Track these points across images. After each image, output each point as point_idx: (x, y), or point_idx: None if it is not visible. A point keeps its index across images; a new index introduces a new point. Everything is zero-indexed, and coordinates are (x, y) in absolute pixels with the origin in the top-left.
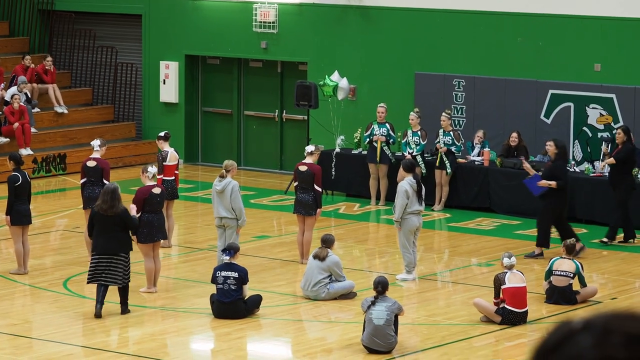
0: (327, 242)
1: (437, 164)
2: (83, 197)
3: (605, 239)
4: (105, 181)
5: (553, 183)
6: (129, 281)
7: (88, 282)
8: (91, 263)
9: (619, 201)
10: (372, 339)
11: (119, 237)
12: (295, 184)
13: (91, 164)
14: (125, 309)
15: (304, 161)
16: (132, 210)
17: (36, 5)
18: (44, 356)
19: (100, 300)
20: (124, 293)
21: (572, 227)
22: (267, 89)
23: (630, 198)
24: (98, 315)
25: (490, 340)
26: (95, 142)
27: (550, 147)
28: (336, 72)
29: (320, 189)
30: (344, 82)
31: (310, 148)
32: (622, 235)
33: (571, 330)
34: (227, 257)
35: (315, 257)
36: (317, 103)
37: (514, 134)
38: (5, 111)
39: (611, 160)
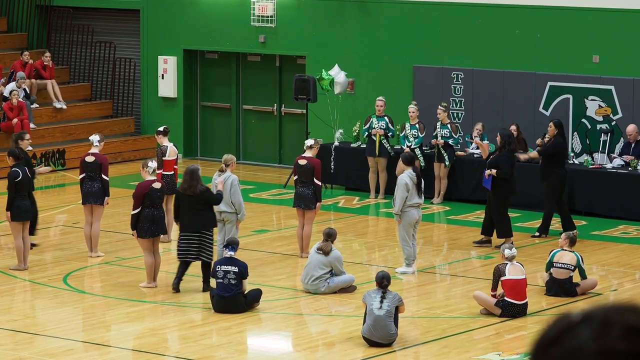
0: (332, 235)
1: (435, 157)
2: (82, 192)
3: (537, 233)
4: (103, 176)
5: (494, 171)
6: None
7: (179, 259)
8: (180, 241)
9: (551, 195)
10: (372, 330)
11: (201, 215)
12: (295, 177)
13: (90, 159)
14: (206, 287)
15: (303, 155)
16: (219, 185)
17: (34, 1)
18: (45, 351)
19: (179, 276)
20: (207, 270)
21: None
22: (266, 83)
23: (563, 191)
24: (175, 289)
25: (491, 333)
26: (94, 138)
27: (497, 137)
28: (336, 65)
29: (320, 183)
30: (340, 76)
31: (309, 142)
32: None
33: (571, 323)
34: (232, 253)
35: (320, 250)
36: (316, 97)
37: (513, 127)
38: (4, 107)
39: (535, 154)
